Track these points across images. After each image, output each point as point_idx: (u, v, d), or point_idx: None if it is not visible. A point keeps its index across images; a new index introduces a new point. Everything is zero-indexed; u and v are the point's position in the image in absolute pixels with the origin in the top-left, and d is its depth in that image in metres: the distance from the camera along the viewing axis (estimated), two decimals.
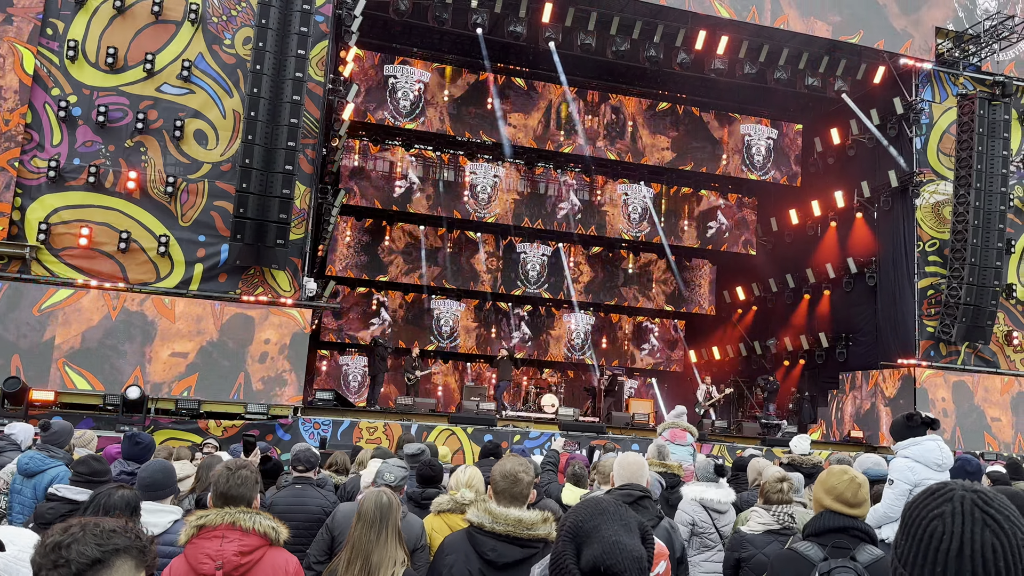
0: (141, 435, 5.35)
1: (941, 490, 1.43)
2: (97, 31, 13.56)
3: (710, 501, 5.15)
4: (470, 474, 4.48)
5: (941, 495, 1.41)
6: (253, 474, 3.40)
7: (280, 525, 3.28)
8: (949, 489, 1.42)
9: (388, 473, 4.52)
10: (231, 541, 3.13)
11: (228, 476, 3.33)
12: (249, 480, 3.35)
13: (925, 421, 5.07)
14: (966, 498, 1.38)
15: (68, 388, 12.70)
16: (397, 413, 15.45)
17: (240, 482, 3.31)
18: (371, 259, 23.00)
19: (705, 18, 17.08)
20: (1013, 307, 18.05)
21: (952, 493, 1.40)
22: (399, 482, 4.51)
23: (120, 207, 13.35)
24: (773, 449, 14.80)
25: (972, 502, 1.38)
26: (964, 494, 1.39)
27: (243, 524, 3.16)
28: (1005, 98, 17.13)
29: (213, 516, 3.19)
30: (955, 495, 1.39)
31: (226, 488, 3.30)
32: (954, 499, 1.39)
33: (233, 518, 3.17)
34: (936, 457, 4.93)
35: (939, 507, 1.39)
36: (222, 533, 3.14)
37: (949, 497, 1.39)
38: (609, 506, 1.81)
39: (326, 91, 14.73)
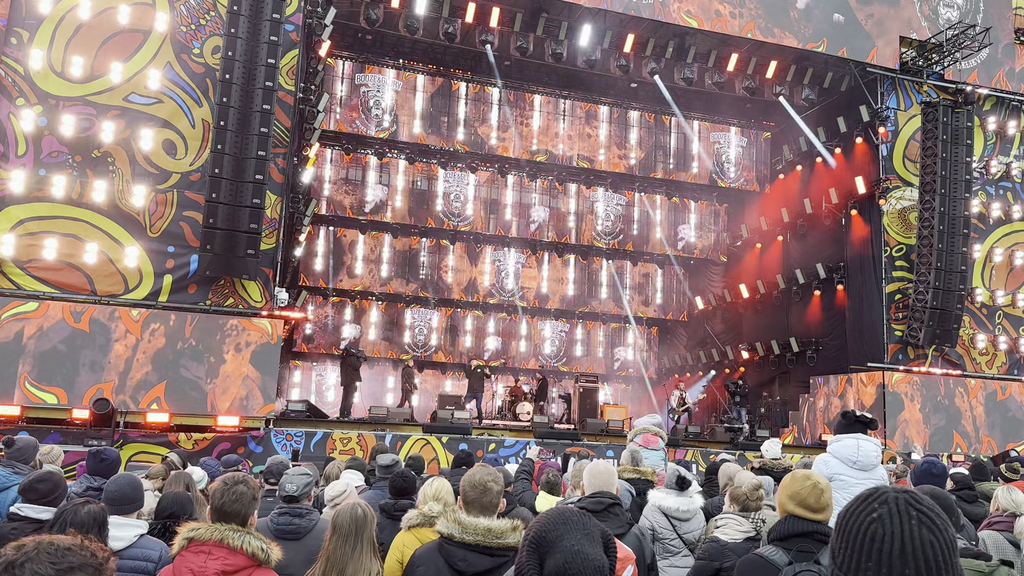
0: (107, 450, 5.28)
1: (873, 495, 1.47)
2: (63, 41, 13.39)
3: (668, 508, 5.19)
4: (437, 486, 4.44)
5: (874, 499, 1.46)
6: (250, 490, 3.32)
7: (271, 546, 3.20)
8: (881, 492, 1.46)
9: (289, 483, 4.27)
10: (216, 559, 3.09)
11: (224, 492, 3.26)
12: (245, 496, 3.27)
13: (859, 419, 5.20)
14: (899, 499, 1.43)
15: (32, 403, 12.48)
16: (371, 423, 15.37)
17: (235, 498, 3.24)
18: (344, 268, 22.90)
19: (674, 27, 17.27)
20: (978, 311, 18.39)
21: (885, 496, 1.45)
22: (302, 490, 4.27)
23: (87, 218, 13.16)
24: (745, 453, 14.92)
25: (906, 502, 1.43)
26: (896, 496, 1.44)
27: (231, 542, 3.11)
28: (968, 106, 17.50)
29: (203, 531, 3.14)
30: (888, 497, 1.44)
31: (220, 503, 3.23)
32: (888, 501, 1.43)
33: (222, 535, 3.12)
34: (851, 454, 5.08)
35: (875, 510, 1.43)
36: (209, 549, 3.10)
37: (883, 500, 1.44)
38: (572, 516, 1.83)
39: (296, 100, 14.66)
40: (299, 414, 15.16)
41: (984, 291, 18.34)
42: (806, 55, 18.14)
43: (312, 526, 4.14)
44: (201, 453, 12.39)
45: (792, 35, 17.58)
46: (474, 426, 16.09)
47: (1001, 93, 19.04)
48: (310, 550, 3.91)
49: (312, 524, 4.15)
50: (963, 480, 5.93)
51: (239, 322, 13.58)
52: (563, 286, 24.98)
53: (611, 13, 16.91)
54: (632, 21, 17.25)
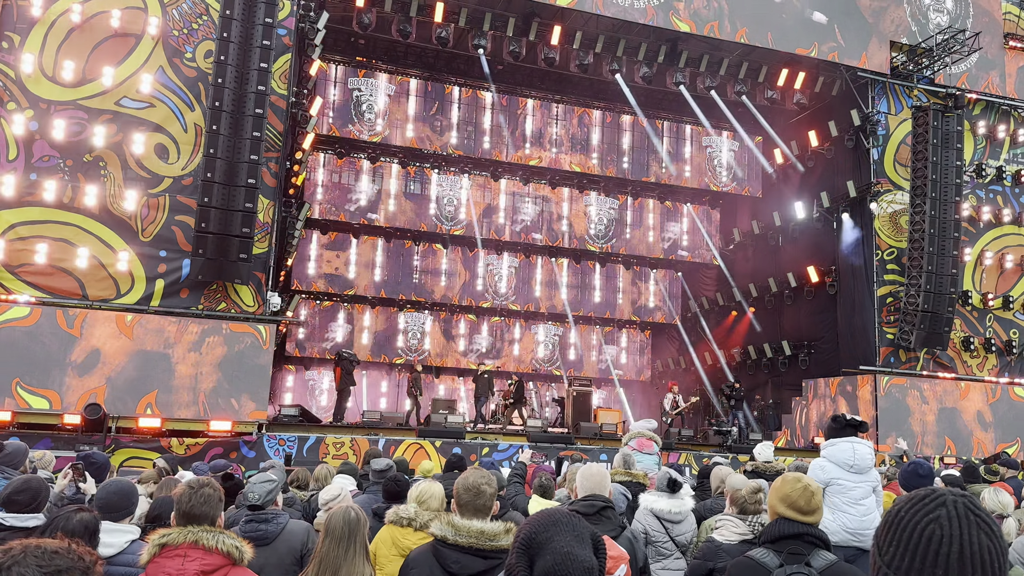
0: (96, 454, 5.27)
1: (932, 495, 1.47)
2: (54, 45, 13.36)
3: (660, 511, 5.21)
4: (422, 490, 4.50)
5: (933, 500, 1.45)
6: (216, 492, 3.35)
7: (244, 544, 3.24)
8: (940, 494, 1.46)
9: (251, 492, 4.27)
10: (193, 560, 3.10)
11: (191, 495, 3.27)
12: (212, 498, 3.30)
13: (850, 423, 5.24)
14: (959, 503, 1.43)
15: (24, 408, 12.42)
16: (364, 428, 15.34)
17: (203, 500, 3.26)
18: (337, 272, 22.88)
19: (667, 32, 17.32)
20: (969, 313, 18.48)
21: (944, 498, 1.44)
22: (265, 498, 4.26)
23: (79, 223, 13.12)
24: (738, 456, 14.94)
25: (965, 506, 1.43)
26: (956, 499, 1.44)
27: (206, 543, 3.12)
28: (958, 110, 17.58)
29: (175, 535, 3.15)
30: (947, 500, 1.44)
31: (188, 507, 3.25)
32: (947, 503, 1.43)
33: (196, 537, 3.13)
34: (847, 458, 5.11)
35: (933, 511, 1.43)
36: (184, 552, 3.10)
37: (942, 502, 1.43)
38: (562, 517, 1.84)
39: (289, 104, 14.66)
40: (292, 419, 15.12)
41: (975, 294, 18.44)
42: (797, 59, 18.23)
43: (280, 530, 4.17)
44: (193, 458, 12.35)
45: (783, 40, 17.65)
46: (472, 429, 16.11)
47: (991, 97, 19.17)
48: (280, 553, 3.96)
49: (280, 528, 4.18)
50: (954, 482, 5.97)
51: (231, 327, 13.55)
52: (556, 290, 25.00)
53: (603, 18, 16.95)
54: (624, 26, 17.30)
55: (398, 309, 23.92)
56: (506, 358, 24.89)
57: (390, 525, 4.33)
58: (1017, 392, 18.46)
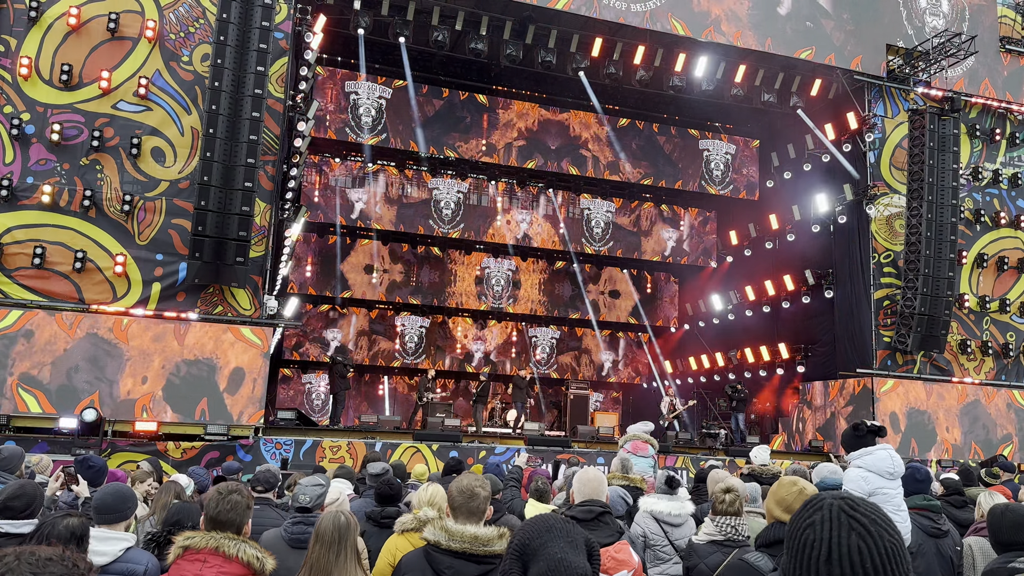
0: (94, 458, 5.26)
1: (813, 501, 1.49)
2: (51, 48, 13.35)
3: (660, 513, 5.17)
4: (432, 492, 4.45)
5: (813, 505, 1.48)
6: (244, 499, 3.34)
7: (266, 555, 3.22)
8: (820, 499, 1.48)
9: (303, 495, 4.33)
10: (211, 567, 3.09)
11: (219, 501, 3.27)
12: (240, 505, 3.29)
13: (871, 429, 5.15)
14: (834, 505, 1.45)
15: (21, 412, 12.40)
16: (361, 431, 15.33)
17: (230, 507, 3.26)
18: (334, 276, 22.86)
19: (663, 36, 17.34)
20: (966, 316, 18.50)
21: (823, 502, 1.47)
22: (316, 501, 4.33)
23: (75, 226, 13.10)
24: (736, 460, 14.95)
25: (840, 508, 1.44)
26: (833, 502, 1.46)
27: (227, 551, 3.11)
28: (954, 113, 17.61)
29: (199, 539, 3.15)
30: (824, 503, 1.46)
31: (215, 512, 3.25)
32: (823, 507, 1.45)
33: (218, 543, 3.13)
34: (888, 466, 5.00)
35: (811, 516, 1.45)
36: (204, 557, 3.11)
37: (819, 506, 1.46)
38: (556, 523, 1.83)
39: (286, 108, 14.66)
40: (288, 422, 15.10)
41: (972, 297, 18.47)
42: (794, 63, 18.25)
43: None
44: (190, 462, 12.33)
45: (780, 43, 17.68)
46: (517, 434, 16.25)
47: (987, 100, 19.21)
48: None
49: None
50: (953, 485, 5.97)
51: (228, 330, 13.53)
52: (554, 293, 25.01)
53: (600, 21, 16.97)
54: (622, 30, 17.32)
55: (395, 312, 23.90)
56: (503, 361, 24.87)
57: (407, 533, 4.19)
58: (1014, 395, 18.48)
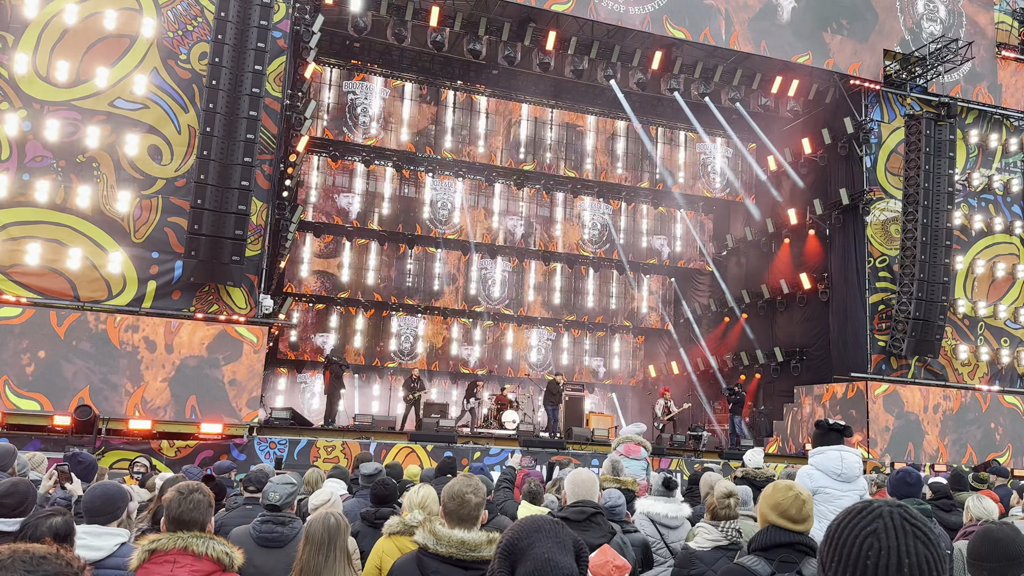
0: (83, 454, 5.26)
1: (868, 508, 1.47)
2: (48, 45, 13.33)
3: (658, 515, 5.14)
4: (423, 494, 4.44)
5: (869, 513, 1.45)
6: (206, 497, 3.33)
7: (234, 550, 3.22)
8: (876, 507, 1.46)
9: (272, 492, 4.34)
10: (183, 566, 3.08)
11: (180, 500, 3.26)
12: (202, 504, 3.29)
13: (833, 427, 5.18)
14: (894, 513, 1.43)
15: (14, 409, 12.37)
16: (355, 431, 15.31)
17: (193, 506, 3.25)
18: (330, 275, 22.84)
19: (660, 38, 17.37)
20: (960, 321, 18.56)
21: (880, 510, 1.44)
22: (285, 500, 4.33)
23: (71, 224, 13.08)
24: (730, 463, 14.96)
25: (901, 517, 1.43)
26: (891, 510, 1.44)
27: (195, 549, 3.11)
28: (950, 118, 17.67)
29: (165, 540, 3.13)
30: (883, 511, 1.44)
31: (178, 512, 3.23)
32: (883, 515, 1.43)
33: (186, 543, 3.12)
34: (835, 466, 5.03)
35: (870, 524, 1.43)
36: (174, 558, 3.09)
37: (878, 514, 1.44)
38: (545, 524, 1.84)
39: (283, 107, 14.65)
40: (283, 422, 15.08)
41: (966, 302, 18.52)
42: (791, 67, 18.30)
43: (295, 534, 4.17)
44: (184, 460, 12.32)
45: (777, 47, 17.72)
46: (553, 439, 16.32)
47: (983, 106, 19.27)
48: (292, 557, 3.94)
49: (295, 532, 4.18)
50: (941, 489, 5.97)
51: (223, 329, 13.52)
52: (549, 294, 25.02)
53: (599, 24, 17.00)
54: (619, 32, 17.35)
55: (391, 312, 23.89)
56: (498, 363, 24.86)
57: (393, 536, 4.21)
58: (1008, 400, 18.53)
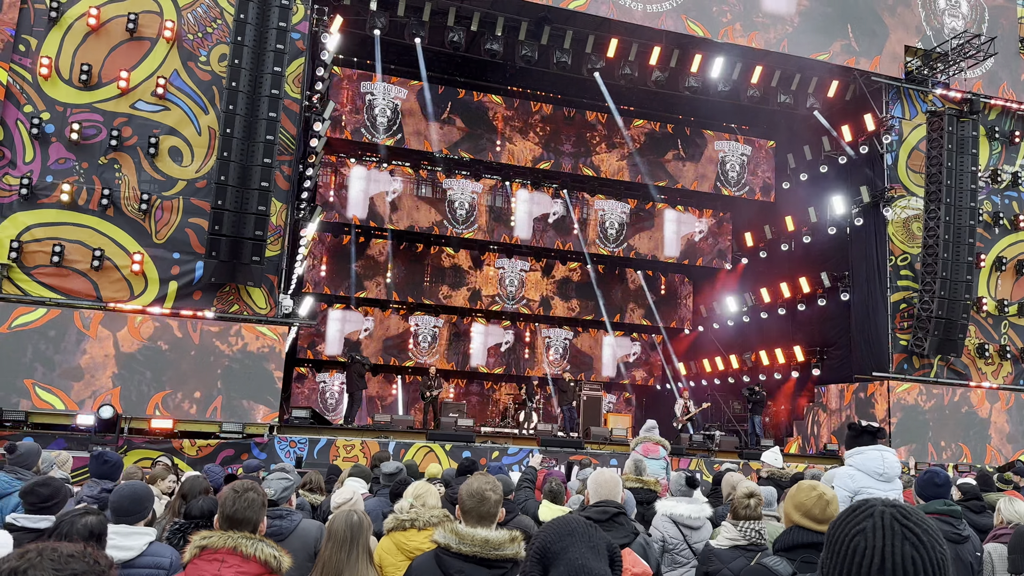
0: (108, 453, 5.30)
1: (862, 507, 1.46)
2: (71, 48, 13.47)
3: (680, 516, 5.12)
4: (416, 489, 4.47)
5: (862, 511, 1.44)
6: (260, 497, 3.32)
7: (283, 553, 3.20)
8: (870, 505, 1.45)
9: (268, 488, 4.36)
10: (230, 566, 3.08)
11: (235, 499, 3.25)
12: (256, 503, 3.28)
13: (866, 429, 5.15)
14: (886, 513, 1.42)
15: (39, 408, 12.51)
16: (374, 431, 15.35)
17: (247, 505, 3.24)
18: (348, 276, 22.92)
19: (679, 37, 17.28)
20: (984, 320, 18.33)
21: (873, 509, 1.43)
22: (281, 494, 4.38)
23: (94, 225, 13.21)
24: (750, 463, 14.86)
25: (892, 516, 1.41)
26: (884, 509, 1.42)
27: (244, 550, 3.10)
28: (973, 115, 17.44)
29: (216, 539, 3.13)
30: (875, 511, 1.42)
31: (232, 511, 3.23)
32: (875, 514, 1.42)
33: (235, 543, 3.11)
34: (877, 466, 5.00)
35: (861, 523, 1.41)
36: (222, 557, 3.09)
37: (870, 513, 1.42)
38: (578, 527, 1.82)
39: (302, 108, 14.71)
40: (303, 421, 15.15)
41: (990, 300, 18.29)
42: (811, 64, 18.14)
43: (294, 527, 4.25)
44: (205, 459, 12.41)
45: (797, 44, 17.57)
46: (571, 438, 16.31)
47: (1006, 102, 19.02)
48: (294, 549, 4.00)
49: (294, 525, 4.27)
50: (971, 490, 5.90)
51: (244, 329, 13.61)
52: (568, 294, 24.97)
53: (615, 23, 16.93)
54: (637, 30, 17.27)
55: (409, 312, 23.95)
56: (517, 363, 24.86)
57: (391, 533, 4.25)
58: None
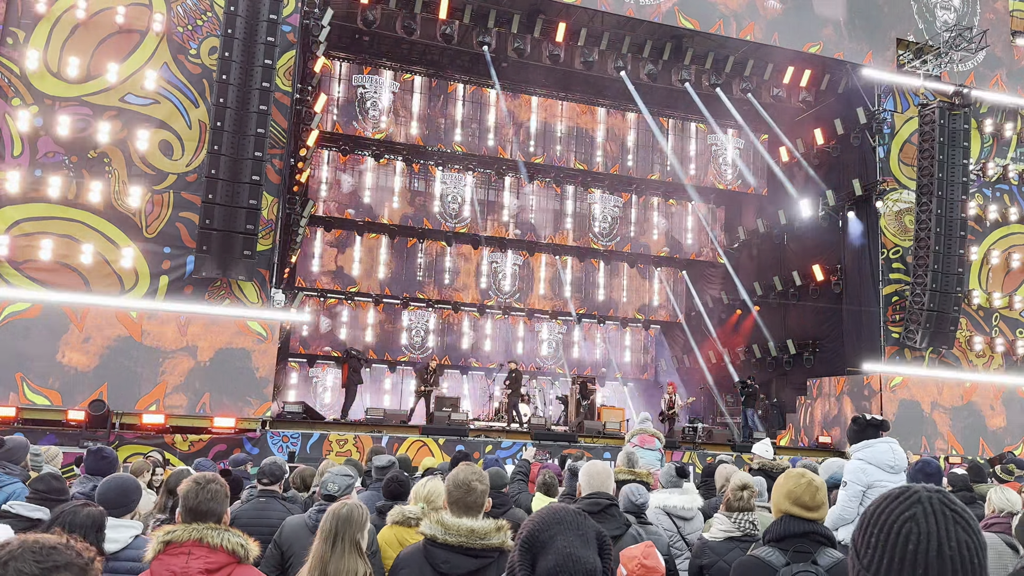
0: (105, 449, 5.27)
1: (906, 493, 1.42)
2: (59, 41, 13.36)
3: (673, 508, 5.14)
4: (429, 488, 4.44)
5: (908, 498, 1.40)
6: (222, 488, 3.31)
7: (249, 542, 3.19)
8: (914, 492, 1.41)
9: (332, 483, 4.52)
10: (197, 558, 3.06)
11: (197, 491, 3.23)
12: (219, 494, 3.26)
13: (871, 423, 5.15)
14: (933, 499, 1.38)
15: (29, 404, 12.45)
16: (368, 425, 15.33)
17: (210, 496, 3.23)
18: (341, 269, 22.87)
19: (672, 29, 17.27)
20: (975, 313, 18.40)
21: (918, 495, 1.40)
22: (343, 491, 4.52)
23: (83, 219, 13.13)
24: (743, 455, 14.89)
25: (940, 502, 1.38)
26: (930, 495, 1.39)
27: (210, 541, 3.08)
28: (964, 108, 17.48)
29: (180, 532, 3.11)
30: (922, 496, 1.39)
31: (195, 503, 3.21)
32: (922, 500, 1.38)
33: (200, 534, 3.09)
34: (888, 459, 5.01)
35: (908, 509, 1.38)
36: (188, 549, 3.07)
37: (917, 499, 1.39)
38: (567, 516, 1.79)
39: (293, 101, 14.64)
40: (296, 416, 15.12)
41: (981, 293, 18.35)
42: (803, 57, 18.15)
43: None
44: (197, 454, 12.38)
45: (789, 37, 17.57)
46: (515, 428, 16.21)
47: (998, 95, 19.06)
48: None
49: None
50: (961, 481, 5.92)
51: (235, 323, 13.55)
52: (560, 288, 24.97)
53: (608, 15, 16.90)
54: (629, 23, 17.24)
55: (402, 306, 23.90)
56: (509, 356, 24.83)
57: (393, 525, 4.29)
58: (1023, 391, 18.37)
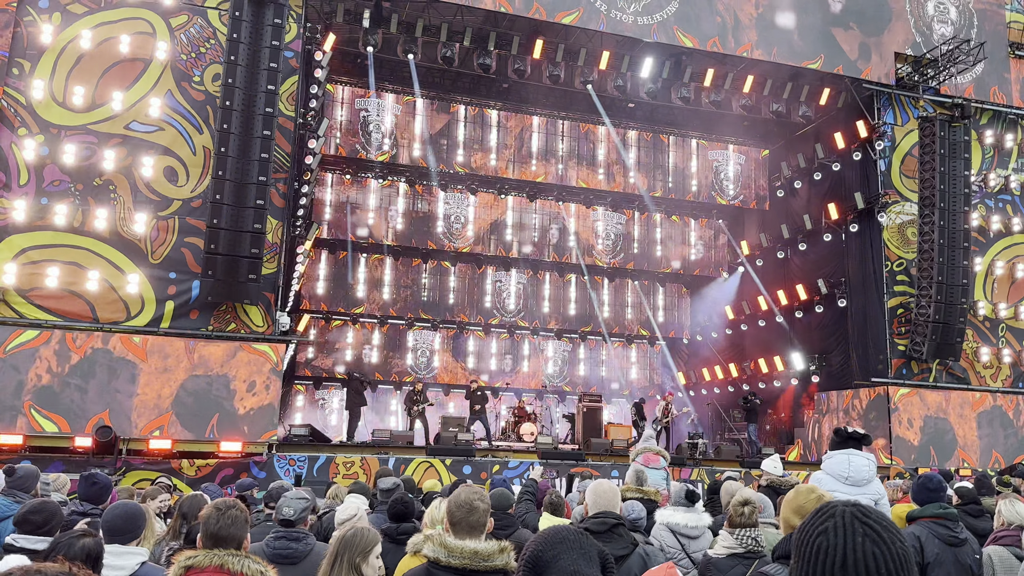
0: (98, 475, 5.25)
1: (824, 508, 1.51)
2: (64, 70, 13.52)
3: (677, 525, 5.13)
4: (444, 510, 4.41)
5: (824, 512, 1.49)
6: (243, 514, 3.32)
7: (269, 569, 3.20)
8: (831, 506, 1.50)
9: (287, 507, 4.31)
10: None
11: (218, 516, 3.24)
12: (239, 520, 3.27)
13: (851, 436, 5.17)
14: (846, 512, 1.46)
15: (36, 431, 12.47)
16: (374, 447, 15.30)
17: (231, 522, 3.23)
18: (345, 292, 22.92)
19: (670, 48, 17.38)
20: (981, 324, 18.35)
21: (834, 509, 1.48)
22: (299, 515, 4.31)
23: (89, 246, 13.22)
24: (751, 471, 14.83)
25: (852, 515, 1.46)
26: (845, 509, 1.47)
27: (231, 567, 3.08)
28: (964, 120, 17.53)
29: (201, 557, 3.11)
30: (836, 511, 1.48)
31: (216, 528, 3.22)
32: (836, 514, 1.47)
33: (222, 560, 3.09)
34: (842, 470, 5.06)
35: (823, 523, 1.46)
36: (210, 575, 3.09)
37: (831, 513, 1.47)
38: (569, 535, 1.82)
39: (297, 126, 14.76)
40: (302, 439, 15.10)
41: (986, 304, 18.32)
42: (802, 72, 18.25)
43: (309, 550, 4.16)
44: (204, 479, 12.36)
45: (788, 53, 17.68)
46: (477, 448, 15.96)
47: (997, 107, 19.13)
48: (307, 573, 3.90)
49: (309, 548, 4.17)
50: (968, 494, 5.89)
51: (241, 347, 13.59)
52: (565, 306, 24.97)
53: (607, 35, 17.03)
54: (628, 42, 17.37)
55: (406, 327, 23.92)
56: (515, 375, 24.81)
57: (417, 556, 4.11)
58: None
